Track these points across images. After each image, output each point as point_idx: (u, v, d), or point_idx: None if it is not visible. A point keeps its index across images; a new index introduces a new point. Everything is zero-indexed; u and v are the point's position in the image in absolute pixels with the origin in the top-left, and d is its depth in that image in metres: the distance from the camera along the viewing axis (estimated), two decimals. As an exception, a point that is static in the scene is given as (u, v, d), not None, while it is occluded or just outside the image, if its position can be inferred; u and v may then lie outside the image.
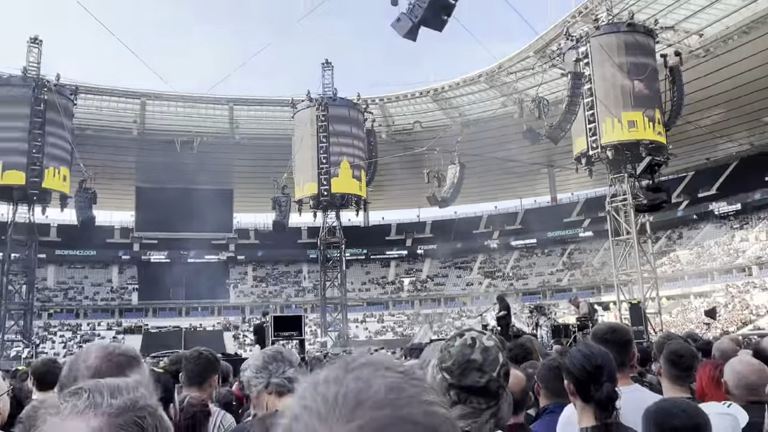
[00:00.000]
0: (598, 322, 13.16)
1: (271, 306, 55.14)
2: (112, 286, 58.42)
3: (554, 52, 39.31)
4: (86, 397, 0.85)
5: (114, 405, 0.84)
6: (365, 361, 0.64)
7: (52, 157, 35.53)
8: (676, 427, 1.86)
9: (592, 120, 31.23)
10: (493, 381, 1.57)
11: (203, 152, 50.90)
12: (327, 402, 0.57)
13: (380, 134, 48.48)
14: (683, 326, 38.06)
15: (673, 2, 36.72)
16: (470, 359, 1.58)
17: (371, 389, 0.58)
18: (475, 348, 1.60)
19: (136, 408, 0.86)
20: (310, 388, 0.61)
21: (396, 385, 0.59)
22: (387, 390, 0.58)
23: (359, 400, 0.57)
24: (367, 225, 61.49)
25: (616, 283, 32.89)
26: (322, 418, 0.56)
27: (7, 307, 36.79)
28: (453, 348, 1.61)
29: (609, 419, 2.26)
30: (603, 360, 2.30)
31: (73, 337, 51.63)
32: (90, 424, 0.81)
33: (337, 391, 0.58)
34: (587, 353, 2.32)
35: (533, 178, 60.87)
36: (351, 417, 0.55)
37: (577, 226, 59.45)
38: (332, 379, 0.60)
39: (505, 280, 58.46)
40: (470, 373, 1.57)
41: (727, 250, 47.67)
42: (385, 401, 0.57)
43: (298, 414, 0.59)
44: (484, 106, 50.06)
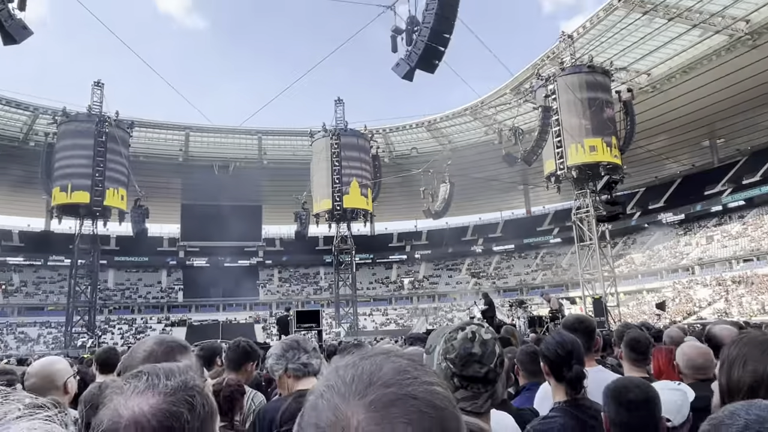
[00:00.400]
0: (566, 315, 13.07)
1: (293, 302, 54.93)
2: (162, 286, 58.33)
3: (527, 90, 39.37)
4: (146, 379, 0.86)
5: (169, 386, 0.86)
6: (379, 350, 0.68)
7: (111, 180, 35.67)
8: (630, 399, 1.85)
9: (559, 145, 31.21)
10: (491, 371, 1.56)
11: (237, 175, 51.16)
12: (345, 382, 0.60)
13: (384, 159, 48.56)
14: (638, 317, 37.78)
15: (625, 48, 36.83)
16: (471, 353, 1.55)
17: (381, 371, 0.61)
18: (475, 341, 1.57)
19: (187, 388, 0.87)
20: (333, 371, 0.63)
21: (402, 368, 0.62)
22: (394, 372, 0.61)
23: (371, 380, 0.59)
24: (373, 234, 61.83)
25: (581, 281, 32.72)
26: (341, 395, 0.59)
27: (74, 304, 36.83)
28: (456, 341, 1.58)
29: (578, 395, 2.24)
30: (572, 346, 2.29)
31: (129, 329, 51.56)
32: (149, 402, 0.82)
33: (353, 373, 0.61)
34: (559, 340, 2.31)
35: (511, 194, 60.86)
36: (364, 393, 0.58)
37: (548, 233, 59.23)
38: (351, 364, 0.63)
39: (488, 280, 58.21)
40: (471, 365, 1.54)
41: (673, 253, 47.41)
42: (392, 381, 0.59)
43: (322, 392, 0.61)
44: (470, 134, 50.15)
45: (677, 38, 35.81)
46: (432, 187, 38.45)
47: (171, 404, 0.83)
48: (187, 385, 0.88)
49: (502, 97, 43.19)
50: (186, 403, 0.85)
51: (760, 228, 42.12)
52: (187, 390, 0.87)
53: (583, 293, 32.05)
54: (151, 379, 0.87)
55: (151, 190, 40.39)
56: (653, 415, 1.86)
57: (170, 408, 0.83)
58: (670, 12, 33.20)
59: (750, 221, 43.90)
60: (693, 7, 32.81)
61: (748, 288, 38.29)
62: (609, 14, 33.70)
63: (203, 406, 0.87)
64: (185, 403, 0.85)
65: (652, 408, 1.85)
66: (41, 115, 40.49)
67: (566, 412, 2.19)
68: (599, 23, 34.47)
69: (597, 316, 21.55)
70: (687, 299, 41.23)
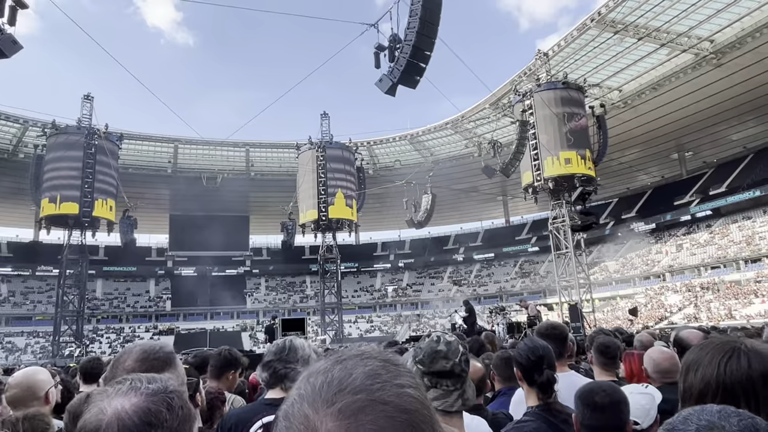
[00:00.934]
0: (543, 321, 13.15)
1: (280, 310, 54.56)
2: (150, 295, 57.48)
3: (505, 105, 39.88)
4: (129, 383, 0.91)
5: (150, 388, 0.90)
6: (353, 353, 0.64)
7: (100, 191, 35.21)
8: (596, 402, 1.87)
9: (536, 158, 31.51)
10: (456, 365, 1.62)
11: (225, 186, 50.79)
12: (315, 389, 0.58)
13: (368, 170, 48.64)
14: (612, 322, 38.12)
15: (597, 65, 37.44)
16: (437, 350, 1.63)
17: (351, 377, 0.58)
18: (440, 342, 1.65)
19: (168, 391, 0.92)
20: (305, 378, 0.61)
21: (374, 372, 0.59)
22: (365, 377, 0.58)
23: (341, 387, 0.57)
24: (357, 243, 61.76)
25: (558, 288, 32.94)
26: (310, 403, 0.56)
27: (62, 314, 36.10)
28: (423, 344, 1.67)
29: (549, 399, 2.25)
30: (544, 351, 2.30)
31: (117, 338, 50.64)
32: (132, 401, 0.87)
33: (323, 380, 0.58)
34: (531, 346, 2.32)
35: (491, 204, 61.24)
36: (333, 401, 0.55)
37: (526, 242, 59.63)
38: (322, 371, 0.60)
39: (469, 287, 58.33)
40: (438, 360, 1.61)
41: (645, 261, 47.98)
42: (361, 387, 0.57)
43: (293, 401, 0.59)
44: (451, 147, 50.46)
45: (646, 57, 36.52)
46: (414, 198, 38.54)
47: (151, 403, 0.87)
48: (167, 389, 0.92)
49: (482, 112, 43.59)
50: (165, 403, 0.89)
51: (726, 237, 42.89)
52: (167, 393, 0.91)
53: (560, 300, 32.22)
54: (134, 383, 0.91)
55: (140, 201, 39.88)
56: (620, 417, 1.87)
57: (150, 406, 0.87)
58: (639, 32, 33.88)
59: (717, 230, 44.67)
60: (661, 27, 33.54)
61: (716, 294, 38.89)
62: (582, 33, 34.28)
63: (181, 408, 0.91)
64: (165, 403, 0.89)
65: (618, 410, 1.87)
66: (31, 127, 39.89)
67: (538, 416, 2.19)
68: (573, 42, 35.03)
69: (573, 322, 21.69)
70: (658, 305, 41.71)
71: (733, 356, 1.18)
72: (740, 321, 30.13)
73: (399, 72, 14.98)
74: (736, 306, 35.82)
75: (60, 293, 36.23)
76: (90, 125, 35.37)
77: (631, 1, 31.56)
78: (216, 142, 48.22)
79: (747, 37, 32.92)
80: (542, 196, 33.62)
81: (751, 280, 37.82)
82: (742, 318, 32.32)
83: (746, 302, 35.74)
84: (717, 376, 1.16)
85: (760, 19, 31.81)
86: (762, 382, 1.13)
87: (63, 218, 34.91)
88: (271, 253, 61.42)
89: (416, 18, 14.49)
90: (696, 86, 37.35)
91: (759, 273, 37.76)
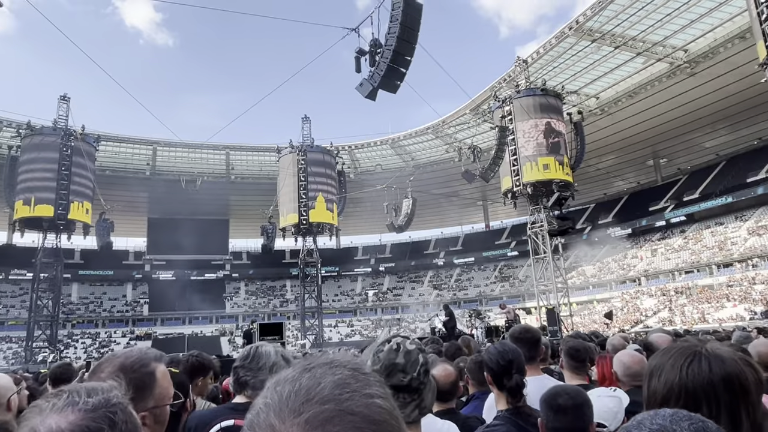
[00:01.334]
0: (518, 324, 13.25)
1: (260, 315, 54.06)
2: (127, 300, 56.48)
3: (485, 111, 40.14)
4: (66, 397, 0.82)
5: (90, 402, 0.82)
6: (322, 361, 0.62)
7: (76, 193, 34.51)
8: (560, 405, 1.89)
9: (515, 163, 31.76)
10: (414, 380, 1.56)
11: (204, 189, 50.23)
12: (282, 398, 0.56)
13: (349, 174, 48.60)
14: (589, 326, 38.54)
15: (575, 72, 37.99)
16: (395, 363, 1.56)
17: (320, 386, 0.56)
18: (399, 352, 1.59)
19: (110, 405, 0.84)
20: (272, 386, 0.59)
21: (342, 381, 0.57)
22: (333, 386, 0.56)
23: (308, 397, 0.55)
24: (338, 248, 61.48)
25: (537, 292, 33.17)
26: (277, 413, 0.55)
27: (35, 319, 35.26)
28: (382, 353, 1.60)
29: (519, 403, 2.26)
30: (513, 355, 2.31)
31: (93, 343, 49.68)
32: (68, 419, 0.79)
33: (291, 389, 0.57)
34: (501, 350, 2.33)
35: (471, 209, 61.64)
36: (300, 411, 0.54)
37: (505, 247, 60.08)
38: (290, 379, 0.59)
39: (450, 291, 58.57)
40: (395, 374, 1.55)
41: (621, 265, 48.69)
42: (330, 396, 0.55)
43: (259, 410, 0.57)
44: (431, 152, 50.69)
45: (623, 65, 37.18)
46: (395, 202, 38.57)
47: (91, 420, 0.80)
48: (109, 402, 0.85)
49: (462, 117, 43.89)
50: (107, 420, 0.81)
51: (700, 242, 43.77)
52: (109, 407, 0.84)
53: (538, 304, 32.51)
54: (72, 396, 0.83)
55: (118, 204, 39.19)
56: (583, 420, 1.89)
57: (89, 424, 0.79)
58: (616, 41, 34.49)
59: (690, 235, 45.57)
60: (637, 36, 34.19)
61: (689, 298, 39.64)
62: (560, 41, 34.76)
63: (125, 423, 0.84)
64: (106, 419, 0.81)
65: (581, 413, 1.89)
66: (5, 128, 38.95)
67: (508, 420, 2.21)
68: (552, 49, 35.50)
69: (550, 326, 21.90)
70: (634, 308, 42.33)
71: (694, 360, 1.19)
72: (713, 324, 30.73)
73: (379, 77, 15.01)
74: (709, 310, 36.55)
75: (34, 297, 35.39)
76: (66, 126, 34.69)
77: (609, 10, 32.13)
78: (195, 144, 47.69)
79: (719, 47, 33.74)
80: (521, 201, 33.89)
81: (723, 285, 38.64)
82: (715, 321, 32.99)
83: (718, 306, 36.48)
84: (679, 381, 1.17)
85: (731, 30, 32.62)
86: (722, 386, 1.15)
87: (37, 221, 34.12)
88: (251, 257, 60.95)
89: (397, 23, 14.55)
90: (670, 94, 38.14)
91: (731, 278, 38.60)
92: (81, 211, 35.02)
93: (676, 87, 37.36)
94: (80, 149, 34.05)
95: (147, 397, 1.44)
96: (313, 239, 41.89)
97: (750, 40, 27.69)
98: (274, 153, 42.92)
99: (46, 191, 33.59)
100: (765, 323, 23.02)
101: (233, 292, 60.17)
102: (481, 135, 43.97)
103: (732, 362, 1.18)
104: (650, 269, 45.42)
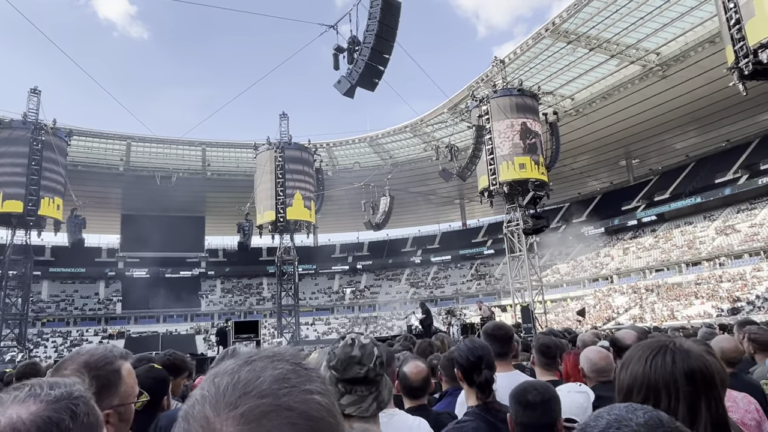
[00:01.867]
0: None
1: (236, 312, 53.61)
2: (99, 297, 55.34)
3: (463, 110, 40.40)
4: (27, 389, 0.82)
5: (52, 394, 0.82)
6: (265, 354, 0.61)
7: (47, 189, 33.62)
8: (528, 400, 1.91)
9: (491, 163, 32.00)
10: (371, 371, 1.58)
11: (180, 186, 49.49)
12: (219, 390, 0.55)
13: (327, 172, 48.40)
14: (563, 323, 39.14)
15: (551, 74, 38.48)
16: (351, 356, 1.58)
17: (258, 380, 0.55)
18: (355, 346, 1.60)
19: (72, 397, 0.83)
20: (210, 378, 0.58)
21: (282, 376, 0.56)
22: (272, 380, 0.55)
23: (246, 390, 0.54)
24: (316, 245, 61.36)
25: (512, 290, 33.52)
26: (212, 405, 0.54)
27: (4, 317, 34.30)
28: (337, 349, 1.61)
29: (488, 399, 2.28)
30: (483, 352, 2.33)
31: (64, 342, 48.57)
32: (29, 409, 0.79)
33: (228, 382, 0.56)
34: (471, 347, 2.35)
35: (448, 207, 62.05)
36: (236, 404, 0.53)
37: (482, 245, 60.59)
38: (229, 371, 0.57)
39: (426, 289, 58.85)
40: (352, 367, 1.56)
41: (594, 264, 49.52)
42: (267, 391, 0.54)
43: (195, 401, 0.56)
44: (409, 150, 50.82)
45: (597, 67, 37.80)
46: (373, 200, 38.54)
47: (52, 411, 0.79)
48: (71, 395, 0.83)
49: (440, 116, 44.09)
50: (68, 411, 0.80)
51: (670, 241, 44.79)
52: (71, 399, 0.82)
53: (513, 301, 32.83)
54: (34, 389, 0.82)
55: (90, 200, 38.33)
56: (551, 415, 1.91)
57: (51, 415, 0.78)
58: (591, 43, 35.03)
59: (661, 234, 46.61)
60: (611, 39, 34.78)
61: (659, 296, 40.55)
62: (537, 42, 35.16)
63: (87, 416, 0.83)
64: (68, 410, 0.80)
65: (548, 408, 1.91)
66: (-28, 121, 37.82)
67: (477, 416, 2.22)
68: (528, 50, 35.89)
69: (525, 323, 22.16)
70: (606, 306, 43.11)
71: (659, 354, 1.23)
72: (681, 322, 31.50)
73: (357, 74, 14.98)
74: (678, 307, 37.44)
75: (2, 295, 34.42)
76: (37, 120, 33.75)
77: (584, 12, 32.61)
78: (171, 140, 46.95)
79: (690, 51, 34.53)
80: (498, 200, 34.19)
81: (691, 283, 39.62)
82: (683, 319, 33.81)
83: (687, 303, 37.41)
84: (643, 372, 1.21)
85: (702, 34, 33.42)
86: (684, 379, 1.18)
87: (6, 217, 33.17)
88: (227, 255, 60.34)
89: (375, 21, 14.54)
90: (643, 96, 38.90)
91: (699, 276, 39.61)
92: (52, 207, 34.15)
93: (648, 89, 38.12)
94: (51, 144, 33.21)
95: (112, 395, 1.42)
96: (290, 237, 41.61)
97: (719, 45, 28.41)
98: (251, 150, 42.48)
99: (16, 186, 32.66)
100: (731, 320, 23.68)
101: (209, 290, 59.47)
102: (459, 134, 44.32)
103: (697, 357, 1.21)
104: (622, 267, 46.31)
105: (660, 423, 0.77)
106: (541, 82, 38.18)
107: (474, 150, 29.31)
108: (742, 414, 2.30)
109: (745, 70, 20.71)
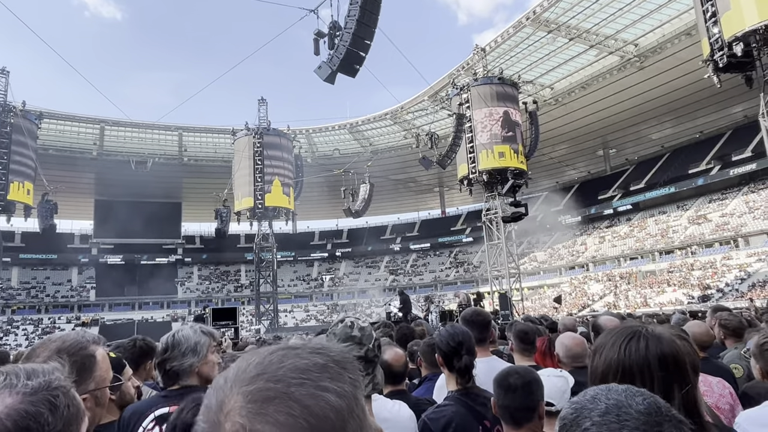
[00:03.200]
0: (474, 308, 13.46)
1: (213, 300, 53.21)
2: (72, 284, 54.33)
3: (443, 98, 40.40)
4: (2, 379, 0.79)
5: (29, 385, 0.79)
6: (310, 345, 0.60)
7: (17, 173, 32.77)
8: (510, 384, 1.95)
9: (471, 151, 32.11)
10: (369, 350, 1.65)
11: (155, 171, 48.65)
12: (240, 369, 0.56)
13: (306, 158, 48.13)
14: (539, 310, 39.71)
15: (532, 63, 38.68)
16: (351, 335, 1.65)
17: (280, 365, 0.55)
18: (354, 328, 1.67)
19: (51, 388, 0.80)
20: (243, 359, 0.59)
21: (305, 367, 0.55)
22: (291, 369, 0.55)
23: (263, 371, 0.55)
24: (294, 232, 61.09)
25: (490, 278, 33.87)
26: (231, 380, 0.55)
27: (-28, 304, 33.54)
28: (337, 330, 1.67)
29: (468, 383, 2.31)
30: (463, 337, 2.35)
31: (36, 330, 47.65)
32: (5, 402, 0.75)
33: (255, 361, 0.56)
34: (451, 332, 2.37)
35: (428, 195, 62.25)
36: (250, 383, 0.54)
37: (461, 233, 60.99)
38: (263, 353, 0.58)
39: (405, 276, 59.15)
40: (352, 347, 1.63)
41: (571, 252, 50.28)
42: (281, 377, 0.54)
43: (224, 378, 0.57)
44: (389, 138, 50.72)
45: (577, 57, 38.10)
46: (352, 187, 38.50)
47: (30, 404, 0.76)
48: (50, 385, 0.80)
49: (421, 104, 44.05)
50: (48, 403, 0.77)
51: (644, 230, 45.71)
52: (51, 390, 0.79)
53: (491, 288, 33.19)
54: (10, 378, 0.78)
55: (62, 185, 37.48)
56: (532, 398, 1.95)
57: (29, 408, 0.75)
58: (571, 32, 35.25)
59: (636, 223, 47.52)
60: (590, 29, 35.06)
61: (633, 283, 41.44)
62: (518, 31, 35.25)
63: (68, 407, 0.80)
64: (47, 403, 0.77)
65: (529, 391, 1.95)
66: (-64, 102, 36.53)
67: (457, 400, 2.25)
68: (509, 39, 35.97)
69: (503, 310, 22.39)
70: (582, 293, 43.90)
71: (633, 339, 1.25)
72: (654, 309, 32.26)
73: (338, 60, 14.87)
74: (651, 294, 38.33)
75: (-30, 282, 33.63)
76: (5, 102, 32.79)
77: (564, 2, 32.77)
78: (146, 124, 46.07)
79: (667, 43, 35.01)
80: (477, 188, 34.41)
81: (664, 271, 40.56)
82: (656, 306, 34.63)
83: (659, 291, 38.31)
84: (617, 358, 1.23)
85: (679, 26, 33.90)
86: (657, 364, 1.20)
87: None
88: (204, 241, 59.70)
89: (356, 6, 14.41)
90: (621, 87, 39.38)
91: (671, 264, 40.55)
92: (22, 191, 33.32)
93: (626, 80, 38.60)
94: (20, 126, 32.34)
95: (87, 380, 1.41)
96: (268, 223, 41.39)
97: (696, 37, 28.88)
98: (229, 135, 41.97)
99: (-17, 170, 31.77)
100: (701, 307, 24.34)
101: (186, 277, 58.86)
102: (439, 122, 44.33)
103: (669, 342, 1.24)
104: (597, 255, 47.13)
105: (658, 410, 0.75)
106: (522, 71, 38.35)
107: (454, 138, 29.40)
108: (716, 398, 2.38)
109: (719, 63, 21.11)
